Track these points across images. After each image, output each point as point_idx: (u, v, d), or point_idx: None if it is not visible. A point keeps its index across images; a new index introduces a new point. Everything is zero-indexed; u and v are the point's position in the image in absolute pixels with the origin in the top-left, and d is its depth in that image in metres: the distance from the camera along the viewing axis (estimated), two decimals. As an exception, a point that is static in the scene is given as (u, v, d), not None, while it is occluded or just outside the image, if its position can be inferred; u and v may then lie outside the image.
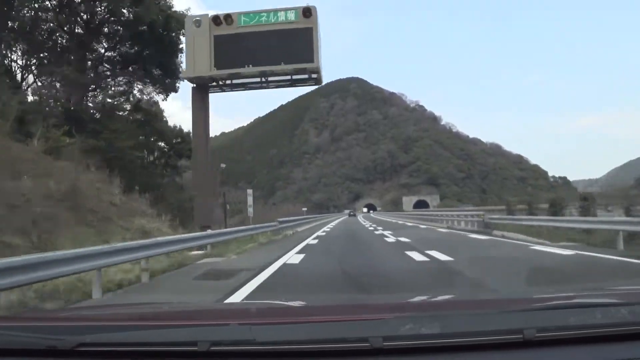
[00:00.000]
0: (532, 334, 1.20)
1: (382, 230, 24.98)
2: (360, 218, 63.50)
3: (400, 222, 40.85)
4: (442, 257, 10.29)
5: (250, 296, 6.30)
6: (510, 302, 1.76)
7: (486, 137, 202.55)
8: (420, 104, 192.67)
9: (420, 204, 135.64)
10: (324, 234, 23.81)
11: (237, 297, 6.16)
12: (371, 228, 28.68)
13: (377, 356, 1.20)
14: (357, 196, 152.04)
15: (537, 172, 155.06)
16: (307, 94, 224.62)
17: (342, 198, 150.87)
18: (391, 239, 17.27)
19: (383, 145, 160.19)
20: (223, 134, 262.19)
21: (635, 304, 1.40)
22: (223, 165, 32.78)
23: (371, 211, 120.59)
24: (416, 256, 10.64)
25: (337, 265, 9.59)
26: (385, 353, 1.20)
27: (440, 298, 2.19)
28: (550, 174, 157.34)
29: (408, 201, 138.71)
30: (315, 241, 17.72)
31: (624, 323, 1.26)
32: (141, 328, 1.41)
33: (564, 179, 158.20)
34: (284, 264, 10.02)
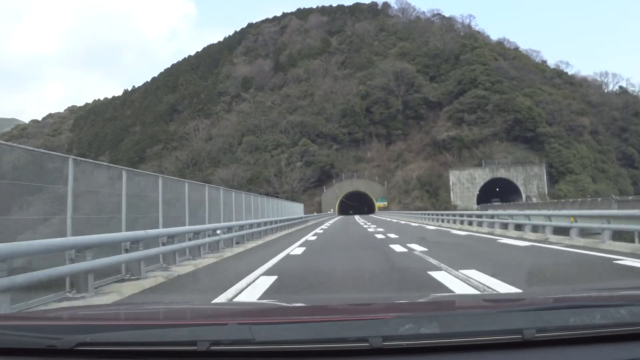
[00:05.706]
0: (531, 334, 1.21)
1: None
2: None
3: None
4: None
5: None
6: (510, 302, 1.76)
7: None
8: (444, 14, 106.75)
9: (497, 188, 51.03)
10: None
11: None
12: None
13: (377, 356, 1.20)
14: (326, 174, 65.07)
15: None
16: (254, 23, 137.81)
17: (290, 178, 63.67)
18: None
19: (384, 65, 73.73)
20: (125, 91, 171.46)
21: (634, 305, 1.39)
22: None
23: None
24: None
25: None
26: (385, 353, 1.20)
27: (440, 298, 2.21)
28: None
29: (466, 181, 52.76)
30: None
31: (623, 323, 1.27)
32: (140, 328, 1.39)
33: None
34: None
